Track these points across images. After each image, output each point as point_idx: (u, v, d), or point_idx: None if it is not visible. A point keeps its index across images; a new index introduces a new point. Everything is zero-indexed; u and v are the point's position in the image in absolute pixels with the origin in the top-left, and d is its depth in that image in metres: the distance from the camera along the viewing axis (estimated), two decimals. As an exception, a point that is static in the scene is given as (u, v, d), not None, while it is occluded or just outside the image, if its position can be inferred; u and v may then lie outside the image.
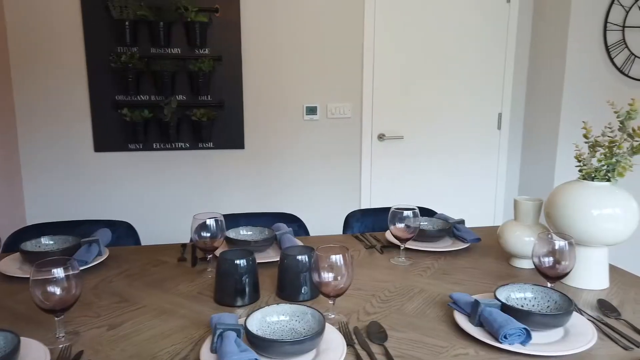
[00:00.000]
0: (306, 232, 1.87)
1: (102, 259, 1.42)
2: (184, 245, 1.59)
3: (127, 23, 2.54)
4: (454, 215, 3.10)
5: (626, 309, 1.15)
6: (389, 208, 1.47)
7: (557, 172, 2.84)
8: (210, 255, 1.39)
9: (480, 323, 1.02)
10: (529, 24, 3.01)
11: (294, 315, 1.00)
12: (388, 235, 1.67)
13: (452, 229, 1.67)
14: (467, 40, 2.96)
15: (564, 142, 2.83)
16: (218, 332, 0.89)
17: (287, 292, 1.20)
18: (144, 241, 1.80)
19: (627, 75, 2.80)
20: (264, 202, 2.92)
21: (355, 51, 2.86)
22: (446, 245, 1.61)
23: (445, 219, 1.74)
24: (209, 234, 1.33)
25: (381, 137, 3.00)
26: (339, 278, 1.06)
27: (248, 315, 0.95)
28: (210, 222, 1.32)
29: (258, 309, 0.99)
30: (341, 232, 1.96)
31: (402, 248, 1.49)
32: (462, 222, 1.70)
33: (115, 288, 1.27)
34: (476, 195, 3.16)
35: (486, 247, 1.61)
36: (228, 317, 0.97)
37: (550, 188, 2.82)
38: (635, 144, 1.25)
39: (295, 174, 2.93)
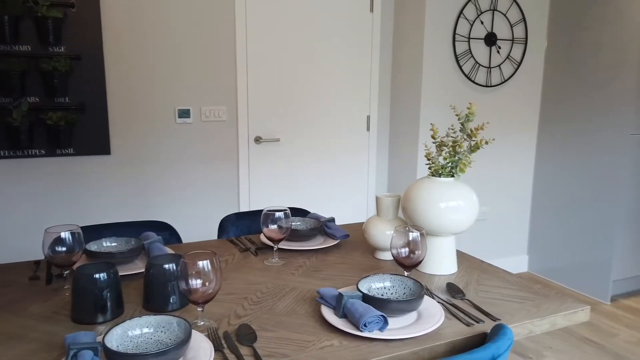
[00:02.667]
0: (178, 240, 1.81)
1: None
2: (37, 263, 1.45)
3: (-38, 15, 2.23)
4: (330, 214, 3.25)
5: (470, 290, 1.30)
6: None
7: (419, 170, 3.10)
8: (68, 271, 1.28)
9: (344, 314, 1.08)
10: (390, 33, 3.25)
11: (159, 326, 0.96)
12: (262, 237, 1.69)
13: (323, 227, 1.74)
14: (336, 46, 3.10)
15: (423, 142, 3.10)
16: (72, 352, 0.83)
17: (154, 303, 1.16)
18: (-11, 261, 1.60)
19: (473, 82, 3.16)
20: (134, 211, 2.77)
21: (228, 53, 2.83)
22: (318, 243, 1.67)
23: (317, 218, 1.81)
24: (64, 248, 1.23)
25: (258, 140, 3.01)
26: (207, 284, 1.05)
27: (106, 332, 0.90)
28: (66, 235, 1.22)
29: (118, 324, 0.94)
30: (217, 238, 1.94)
31: (275, 249, 1.52)
32: (332, 220, 1.78)
33: (-51, 317, 1.11)
34: (349, 194, 3.33)
35: (354, 242, 1.71)
36: (84, 335, 0.91)
37: (414, 184, 3.07)
38: (473, 143, 1.42)
39: (168, 180, 2.82)
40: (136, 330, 0.94)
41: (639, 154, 2.96)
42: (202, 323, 1.09)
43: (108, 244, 1.48)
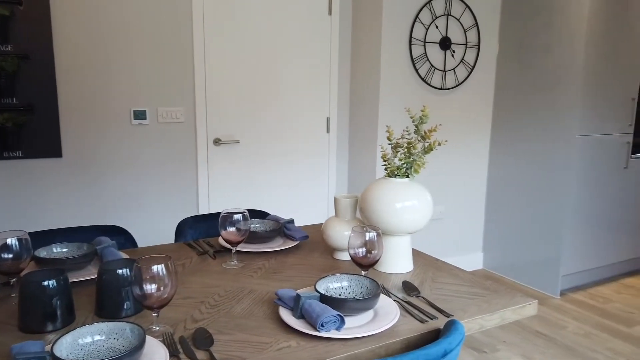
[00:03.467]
0: (134, 244, 1.77)
1: None
2: (-18, 271, 1.38)
3: None
4: (291, 215, 3.25)
5: (425, 287, 1.34)
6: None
7: (378, 171, 3.15)
8: (15, 279, 1.23)
9: (302, 315, 1.09)
10: (349, 35, 3.28)
11: (111, 333, 0.94)
12: (221, 240, 1.67)
13: (282, 228, 1.75)
14: (295, 48, 3.11)
15: (379, 144, 3.15)
16: (18, 363, 0.80)
17: (107, 309, 1.13)
18: None
19: (429, 85, 3.24)
20: (88, 215, 2.68)
21: (186, 54, 2.79)
22: (277, 245, 1.67)
23: (276, 219, 1.81)
24: (11, 255, 1.18)
25: (217, 142, 2.98)
26: (162, 289, 1.03)
27: (55, 341, 0.87)
28: (12, 241, 1.17)
29: (68, 332, 0.91)
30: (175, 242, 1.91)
31: (233, 251, 1.51)
32: (291, 221, 1.78)
33: None
34: (310, 196, 3.34)
35: (314, 243, 1.72)
36: (32, 345, 0.88)
37: (373, 185, 3.11)
38: (427, 144, 1.45)
39: (124, 184, 2.75)
40: (87, 338, 0.92)
41: (585, 154, 3.11)
42: (157, 328, 1.07)
43: (59, 250, 1.43)
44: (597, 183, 3.21)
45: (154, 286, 1.03)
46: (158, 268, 1.03)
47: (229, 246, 1.57)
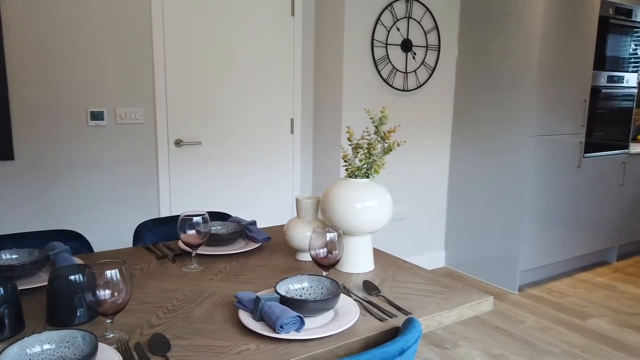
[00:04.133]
0: (90, 249, 1.72)
1: None
2: None
3: None
4: (255, 217, 3.23)
5: (385, 286, 1.35)
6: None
7: (342, 172, 3.17)
8: (-41, 288, 1.17)
9: (261, 318, 1.08)
10: (312, 36, 3.29)
11: (62, 342, 0.91)
12: (181, 243, 1.64)
13: (244, 230, 1.73)
14: (258, 49, 3.09)
15: (339, 145, 3.17)
16: (-41, 377, 0.76)
17: (59, 317, 1.09)
18: None
19: (391, 86, 3.28)
20: (43, 220, 2.58)
21: (145, 52, 2.73)
22: (239, 247, 1.66)
23: (238, 221, 1.79)
24: (-46, 264, 1.12)
25: (178, 143, 2.93)
26: (116, 294, 1.01)
27: (1, 352, 0.84)
28: (-45, 249, 1.12)
29: (16, 342, 0.87)
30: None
31: (193, 255, 1.49)
32: (254, 223, 1.77)
33: None
34: (275, 197, 3.32)
35: (276, 245, 1.71)
36: (-25, 357, 0.84)
37: (337, 186, 3.13)
38: (386, 145, 1.47)
39: (80, 187, 2.67)
40: (36, 347, 0.88)
41: (541, 154, 3.22)
42: (111, 335, 1.04)
43: (8, 256, 1.37)
44: (552, 182, 3.33)
45: (107, 292, 1.00)
46: (112, 273, 1.00)
47: (189, 249, 1.55)
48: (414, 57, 3.34)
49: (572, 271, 3.71)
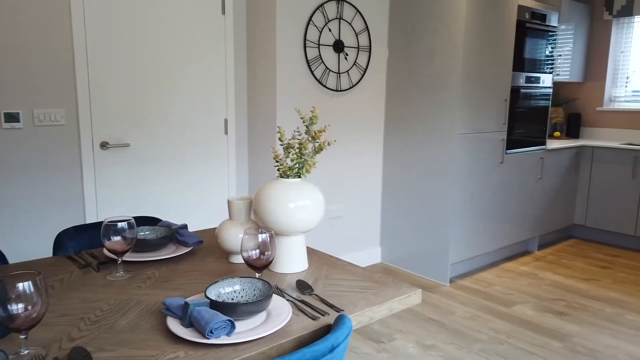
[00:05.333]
0: (4, 261, 1.59)
1: None
2: None
3: None
4: (189, 220, 3.15)
5: (319, 285, 1.36)
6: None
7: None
8: None
9: (191, 324, 1.05)
10: (244, 35, 3.25)
11: (-34, 363, 0.84)
12: (105, 250, 1.57)
13: (174, 235, 1.68)
14: (188, 47, 3.01)
15: (271, 145, 3.16)
16: None
17: (-35, 336, 1.00)
18: None
19: (325, 86, 3.31)
20: (-48, 230, 2.37)
21: (65, 50, 2.58)
22: (169, 252, 1.60)
23: (168, 225, 1.74)
24: None
25: (104, 145, 2.79)
26: (30, 308, 0.94)
27: None
28: None
29: None
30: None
31: (119, 262, 1.42)
32: (184, 227, 1.72)
33: None
34: (210, 199, 3.25)
35: (209, 248, 1.67)
36: None
37: (273, 186, 3.11)
38: (317, 145, 1.48)
39: (-4, 193, 2.47)
40: None
41: (467, 150, 3.38)
42: (26, 352, 0.97)
43: None
44: (478, 177, 3.51)
45: (20, 306, 0.93)
46: (25, 285, 0.94)
47: (114, 257, 1.48)
48: (346, 58, 3.39)
49: (498, 261, 3.92)
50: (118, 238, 1.38)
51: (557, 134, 4.84)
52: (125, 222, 1.38)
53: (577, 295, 3.28)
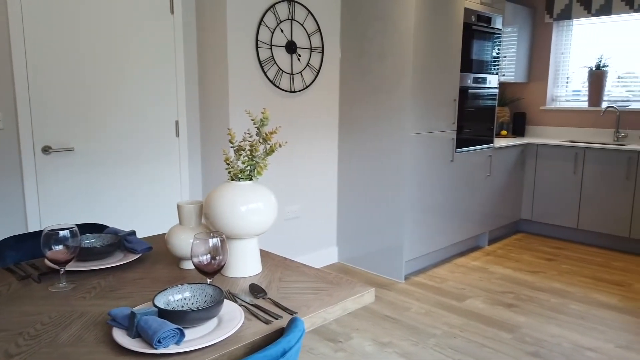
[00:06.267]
0: None
1: None
2: None
3: None
4: (140, 226, 3.05)
5: (272, 288, 1.35)
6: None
7: (232, 174, 3.11)
8: None
9: (138, 334, 1.02)
10: (194, 36, 3.19)
11: None
12: (47, 260, 1.49)
13: (122, 242, 1.62)
14: (135, 48, 2.92)
15: (221, 148, 3.12)
16: None
17: None
18: None
19: (278, 87, 3.29)
20: None
21: (1, 51, 2.44)
22: (116, 260, 1.55)
23: (115, 232, 1.67)
24: None
25: (47, 150, 2.66)
26: (-41, 325, 0.88)
27: None
28: None
29: None
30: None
31: (62, 272, 1.36)
32: (132, 233, 1.67)
33: None
34: (161, 204, 3.17)
35: (158, 255, 1.63)
36: None
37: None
38: (268, 146, 1.47)
39: None
40: None
41: (419, 150, 3.45)
42: (-44, 373, 0.91)
43: None
44: (430, 176, 3.59)
45: (-52, 324, 0.87)
46: (-47, 302, 0.87)
47: (56, 267, 1.41)
48: (299, 59, 3.39)
49: (451, 257, 4.03)
50: (60, 247, 1.31)
51: (503, 132, 5.02)
52: (68, 230, 1.32)
53: (525, 288, 3.41)
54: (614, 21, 4.62)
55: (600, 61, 4.65)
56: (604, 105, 4.69)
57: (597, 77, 4.65)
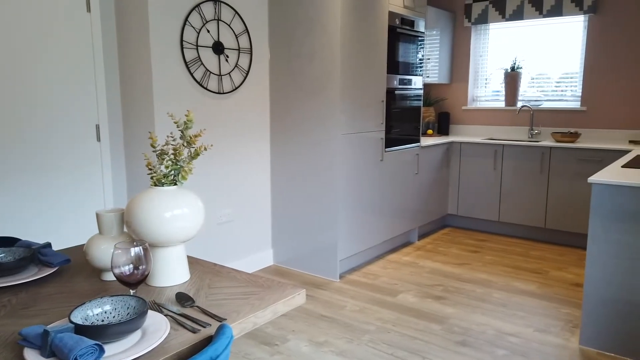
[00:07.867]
0: None
1: None
2: None
3: None
4: (58, 238, 2.86)
5: (201, 295, 1.31)
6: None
7: (159, 179, 3.00)
8: None
9: (52, 353, 0.95)
10: (114, 36, 3.04)
11: None
12: (-52, 279, 1.36)
13: (36, 255, 1.51)
14: (49, 48, 2.74)
15: (142, 152, 3.01)
16: None
17: None
18: None
19: (206, 89, 3.22)
20: None
21: None
22: (30, 275, 1.44)
23: (28, 245, 1.56)
24: None
25: (-52, 158, 2.42)
26: None
27: None
28: None
29: None
30: None
31: (-35, 292, 1.24)
32: (48, 245, 1.56)
33: None
34: (82, 212, 2.99)
35: (78, 267, 1.53)
36: None
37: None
38: (192, 150, 1.43)
39: None
40: None
41: (350, 150, 3.51)
42: None
43: None
44: (361, 175, 3.66)
45: None
46: None
47: (-41, 286, 1.29)
48: (227, 60, 3.33)
49: (384, 254, 4.14)
50: (-38, 265, 1.20)
51: (429, 131, 5.23)
52: (-30, 246, 1.21)
53: (453, 280, 3.58)
54: (526, 25, 4.96)
55: (514, 63, 4.97)
56: (519, 104, 5.02)
57: (512, 78, 4.97)
